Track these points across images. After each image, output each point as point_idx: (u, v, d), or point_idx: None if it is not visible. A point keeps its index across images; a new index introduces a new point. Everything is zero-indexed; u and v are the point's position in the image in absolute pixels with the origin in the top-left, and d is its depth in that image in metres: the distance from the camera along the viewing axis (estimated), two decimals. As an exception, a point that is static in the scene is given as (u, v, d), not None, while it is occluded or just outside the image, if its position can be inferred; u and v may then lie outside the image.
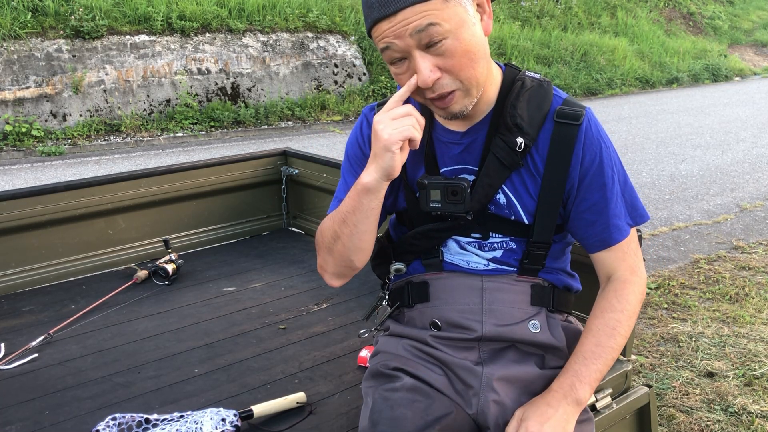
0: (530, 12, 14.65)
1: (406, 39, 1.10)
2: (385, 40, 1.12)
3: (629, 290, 1.28)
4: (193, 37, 9.21)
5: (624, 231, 1.28)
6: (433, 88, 1.14)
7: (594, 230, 1.27)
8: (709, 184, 6.27)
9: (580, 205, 1.27)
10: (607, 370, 1.25)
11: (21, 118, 7.81)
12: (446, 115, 1.20)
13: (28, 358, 1.85)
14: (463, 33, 1.11)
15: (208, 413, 1.47)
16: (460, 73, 1.13)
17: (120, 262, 2.52)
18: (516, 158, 1.23)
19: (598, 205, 1.26)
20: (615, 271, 1.30)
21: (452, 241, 1.32)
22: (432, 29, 1.08)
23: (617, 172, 1.28)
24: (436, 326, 1.33)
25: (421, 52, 1.11)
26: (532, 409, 1.20)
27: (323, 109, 9.85)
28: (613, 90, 13.11)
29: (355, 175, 1.36)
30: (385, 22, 1.10)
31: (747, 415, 2.54)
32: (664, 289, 3.77)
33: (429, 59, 1.11)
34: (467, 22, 1.12)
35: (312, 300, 2.24)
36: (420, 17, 1.08)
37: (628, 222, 1.29)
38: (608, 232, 1.27)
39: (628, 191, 1.30)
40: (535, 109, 1.24)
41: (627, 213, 1.29)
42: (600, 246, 1.29)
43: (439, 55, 1.11)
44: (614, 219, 1.26)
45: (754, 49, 18.66)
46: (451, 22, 1.09)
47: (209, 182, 2.70)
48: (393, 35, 1.10)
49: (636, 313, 1.29)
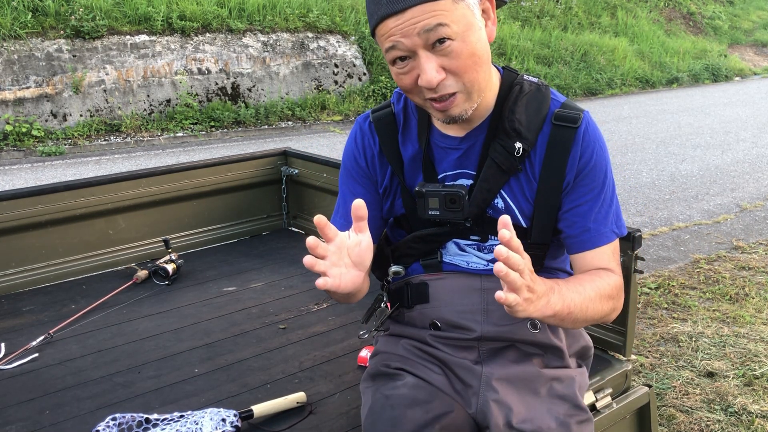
0: (530, 12, 14.65)
1: (413, 38, 1.08)
2: (391, 38, 1.10)
3: (614, 277, 1.25)
4: (193, 37, 9.21)
5: (606, 237, 1.26)
6: (436, 89, 1.13)
7: (574, 231, 1.25)
8: (709, 184, 6.27)
9: (566, 205, 1.26)
10: (571, 318, 1.17)
11: (21, 118, 7.81)
12: (445, 118, 1.19)
13: (28, 358, 1.85)
14: (470, 36, 1.10)
15: (208, 413, 1.48)
16: (464, 76, 1.12)
17: (120, 262, 2.52)
18: (514, 163, 1.23)
19: (583, 206, 1.24)
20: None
21: (452, 243, 1.32)
22: (441, 29, 1.07)
23: (609, 179, 1.26)
24: (435, 327, 1.33)
25: (426, 52, 1.10)
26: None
27: (323, 109, 9.85)
28: (613, 90, 13.11)
29: (352, 187, 1.36)
30: (392, 20, 1.09)
31: (747, 415, 2.54)
32: (664, 289, 3.77)
33: (434, 59, 1.10)
34: (474, 25, 1.11)
35: (312, 300, 2.24)
36: (429, 16, 1.07)
37: (614, 230, 1.27)
38: (588, 234, 1.25)
39: (615, 201, 1.29)
40: (533, 113, 1.23)
41: (614, 221, 1.27)
42: (578, 247, 1.26)
43: (445, 56, 1.10)
44: (595, 223, 1.25)
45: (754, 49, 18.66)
46: (459, 24, 1.09)
47: (209, 182, 2.70)
48: (400, 33, 1.09)
49: (611, 299, 1.24)
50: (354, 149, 1.37)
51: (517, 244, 1.00)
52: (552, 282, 1.15)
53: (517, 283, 1.00)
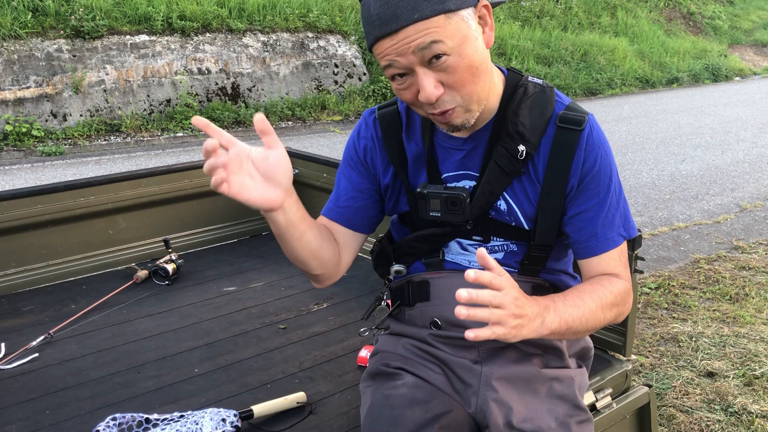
0: (530, 12, 14.65)
1: (409, 56, 1.09)
2: (387, 57, 1.11)
3: (619, 282, 1.26)
4: (193, 37, 9.21)
5: (612, 242, 1.26)
6: (435, 105, 1.14)
7: (581, 236, 1.26)
8: (709, 184, 6.27)
9: (571, 210, 1.26)
10: (571, 332, 1.18)
11: (21, 118, 7.81)
12: (448, 128, 1.21)
13: (29, 358, 1.85)
14: (466, 49, 1.10)
15: (208, 413, 1.48)
16: (462, 89, 1.13)
17: (120, 262, 2.53)
18: (517, 166, 1.23)
19: (589, 212, 1.25)
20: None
21: (454, 243, 1.32)
22: (435, 46, 1.08)
23: (614, 183, 1.26)
24: (436, 325, 1.33)
25: (423, 69, 1.10)
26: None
27: (323, 109, 9.85)
28: (613, 90, 13.11)
29: (348, 176, 1.38)
30: (386, 40, 1.09)
31: (747, 415, 2.54)
32: (664, 289, 3.77)
33: (432, 75, 1.11)
34: (470, 37, 1.11)
35: (312, 300, 2.24)
36: (423, 35, 1.07)
37: (621, 233, 1.27)
38: (596, 240, 1.25)
39: (623, 203, 1.29)
40: (537, 116, 1.23)
41: (621, 224, 1.27)
42: (586, 253, 1.27)
43: (442, 71, 1.11)
44: (602, 228, 1.25)
45: (754, 49, 18.66)
46: (454, 39, 1.09)
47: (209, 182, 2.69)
48: (395, 53, 1.09)
49: (615, 306, 1.24)
50: (355, 140, 1.39)
51: (487, 278, 1.01)
52: (548, 300, 1.15)
53: (495, 316, 1.01)
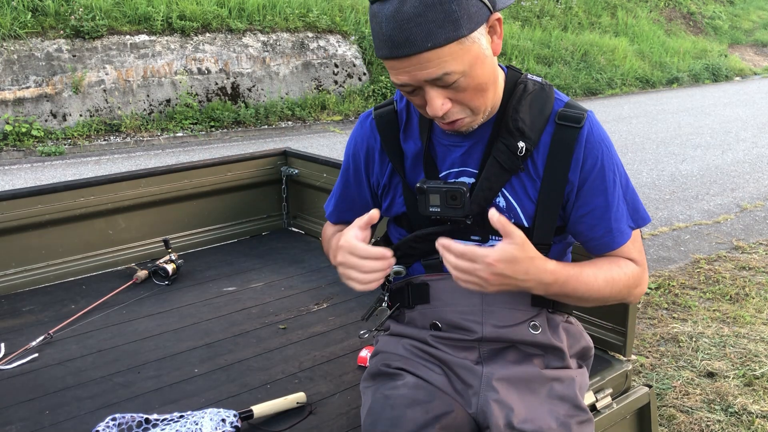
0: (530, 12, 14.65)
1: (418, 79, 1.11)
2: (395, 75, 1.13)
3: (633, 266, 1.28)
4: (193, 37, 9.21)
5: (626, 234, 1.28)
6: (443, 117, 1.17)
7: (595, 234, 1.27)
8: (709, 184, 6.27)
9: (582, 209, 1.26)
10: (575, 299, 1.24)
11: (21, 118, 7.81)
12: (452, 133, 1.24)
13: (28, 358, 1.85)
14: (477, 69, 1.12)
15: (208, 413, 1.48)
16: (470, 103, 1.16)
17: (120, 262, 2.52)
18: (517, 162, 1.23)
19: (599, 209, 1.25)
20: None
21: (453, 243, 1.32)
22: (446, 77, 1.09)
23: (619, 176, 1.27)
24: (436, 327, 1.33)
25: (432, 87, 1.12)
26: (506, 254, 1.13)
27: (323, 109, 9.85)
28: (613, 90, 13.11)
29: (349, 177, 1.42)
30: (396, 62, 1.10)
31: (747, 415, 2.54)
32: (664, 289, 3.77)
33: (441, 92, 1.13)
34: (480, 56, 1.12)
35: (312, 300, 2.24)
36: (434, 66, 1.08)
37: (630, 225, 1.29)
38: (611, 236, 1.27)
39: (630, 194, 1.30)
40: (537, 113, 1.24)
41: (629, 216, 1.29)
42: (602, 249, 1.29)
43: (451, 89, 1.13)
44: (616, 223, 1.26)
45: (754, 49, 18.65)
46: (464, 63, 1.09)
47: (209, 182, 2.70)
48: (405, 75, 1.11)
49: (628, 287, 1.27)
50: (354, 145, 1.41)
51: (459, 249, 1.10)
52: (555, 264, 1.18)
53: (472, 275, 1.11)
